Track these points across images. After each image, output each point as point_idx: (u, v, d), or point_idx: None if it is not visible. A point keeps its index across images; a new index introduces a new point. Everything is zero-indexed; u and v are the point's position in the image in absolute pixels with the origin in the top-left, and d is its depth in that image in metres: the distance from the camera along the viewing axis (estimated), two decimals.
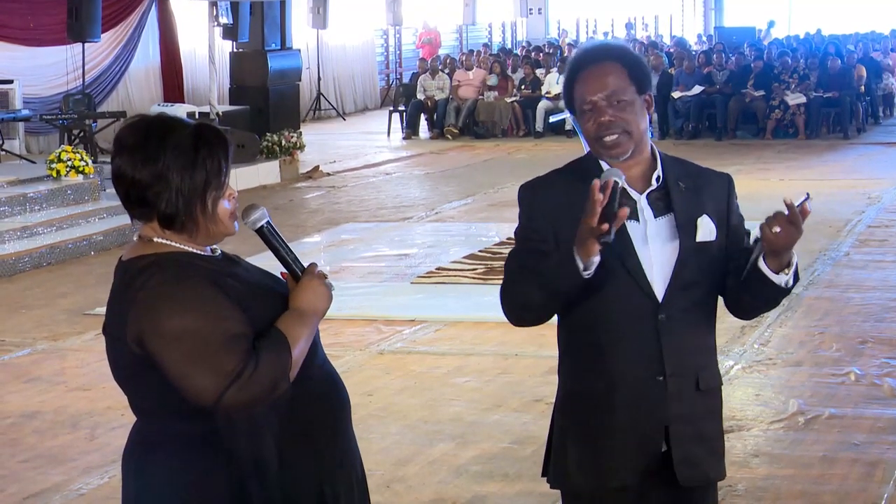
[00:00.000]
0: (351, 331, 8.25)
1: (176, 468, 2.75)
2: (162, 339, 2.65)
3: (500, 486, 5.50)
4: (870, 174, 15.17)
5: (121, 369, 2.79)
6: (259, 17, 17.21)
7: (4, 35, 16.18)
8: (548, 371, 7.06)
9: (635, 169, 3.08)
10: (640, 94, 3.07)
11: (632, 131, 3.04)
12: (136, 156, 2.71)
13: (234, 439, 2.74)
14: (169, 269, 2.71)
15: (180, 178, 2.70)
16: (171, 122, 2.77)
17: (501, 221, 12.20)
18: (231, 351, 2.64)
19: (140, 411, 2.85)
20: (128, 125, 2.79)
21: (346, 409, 2.96)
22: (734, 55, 21.10)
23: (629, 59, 3.09)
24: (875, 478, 5.49)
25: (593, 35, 33.53)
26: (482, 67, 21.61)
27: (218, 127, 2.86)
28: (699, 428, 3.11)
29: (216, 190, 2.76)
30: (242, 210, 2.86)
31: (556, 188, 3.12)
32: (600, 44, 3.19)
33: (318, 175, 16.24)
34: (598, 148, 3.08)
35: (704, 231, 3.08)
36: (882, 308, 8.50)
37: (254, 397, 2.66)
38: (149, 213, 2.75)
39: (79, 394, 7.02)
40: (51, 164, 12.32)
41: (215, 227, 2.78)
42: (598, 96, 3.03)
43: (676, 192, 3.09)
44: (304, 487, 2.83)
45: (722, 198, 3.16)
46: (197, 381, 2.64)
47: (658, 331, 3.03)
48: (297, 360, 2.74)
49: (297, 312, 2.79)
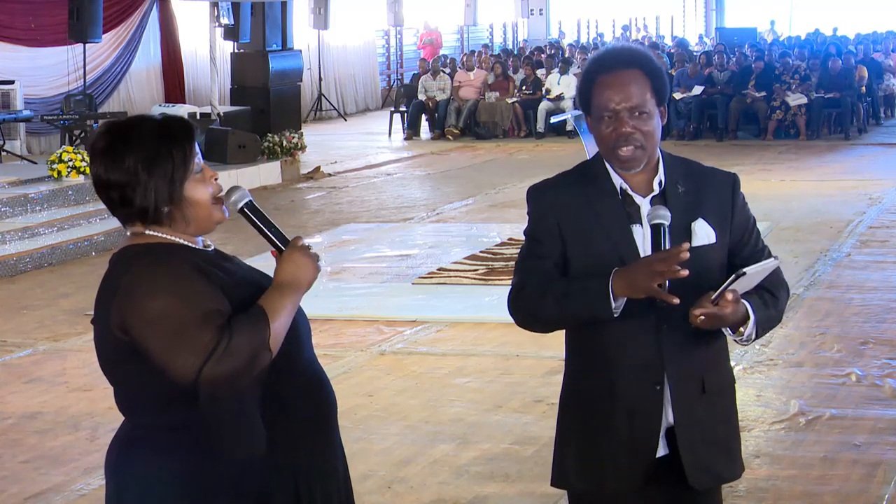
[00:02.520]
0: (352, 331, 8.25)
1: (157, 465, 2.78)
2: (142, 321, 2.70)
3: (501, 487, 5.50)
4: (871, 175, 15.15)
5: (107, 357, 2.83)
6: (260, 18, 17.22)
7: (6, 35, 16.18)
8: (549, 372, 7.06)
9: (640, 175, 3.08)
10: (658, 106, 3.06)
11: (647, 145, 3.03)
12: (106, 159, 2.79)
13: (216, 433, 2.76)
14: (152, 255, 2.78)
15: (147, 173, 2.76)
16: (133, 122, 2.84)
17: (503, 222, 12.21)
18: (206, 327, 2.67)
19: (125, 404, 2.87)
20: (96, 132, 2.88)
21: (330, 409, 2.96)
22: (735, 56, 21.11)
23: (652, 69, 3.06)
24: (876, 478, 5.49)
25: (598, 37, 33.50)
26: (483, 68, 21.62)
27: (182, 118, 2.91)
28: (707, 431, 3.11)
29: (186, 176, 2.80)
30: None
31: (564, 190, 3.11)
32: (625, 48, 3.15)
33: (319, 176, 16.24)
34: (610, 157, 3.07)
35: (701, 235, 3.06)
36: (883, 309, 8.49)
37: (233, 369, 2.68)
38: (132, 213, 2.82)
39: (80, 394, 7.03)
40: (52, 165, 12.33)
41: (198, 212, 2.83)
42: (621, 105, 3.01)
43: (673, 196, 3.07)
44: (280, 483, 2.84)
45: (725, 197, 3.13)
46: (176, 358, 2.68)
47: (660, 341, 3.04)
48: (279, 332, 2.75)
49: (278, 285, 2.82)
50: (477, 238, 11.42)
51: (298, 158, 16.32)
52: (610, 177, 3.09)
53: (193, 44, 19.93)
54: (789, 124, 19.23)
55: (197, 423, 2.76)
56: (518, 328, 3.21)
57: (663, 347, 3.03)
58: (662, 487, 3.11)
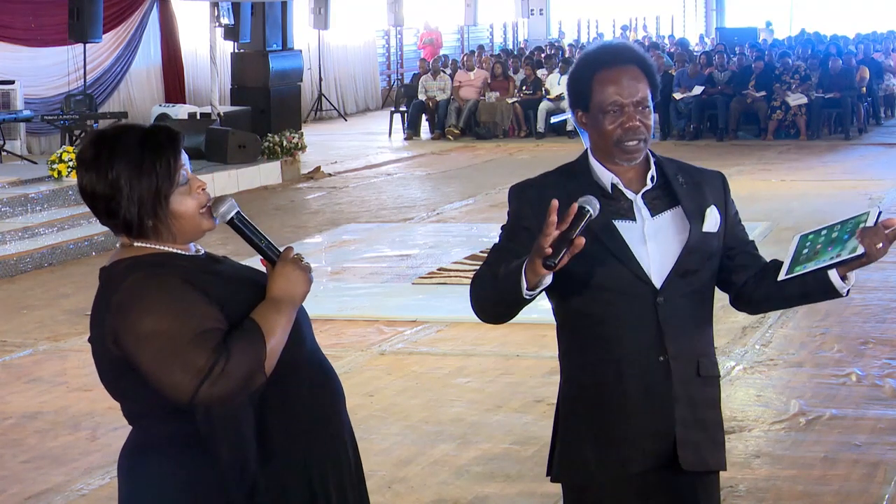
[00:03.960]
0: (352, 331, 8.25)
1: (166, 472, 2.77)
2: (134, 339, 2.68)
3: (502, 487, 5.50)
4: (871, 175, 15.16)
5: (106, 373, 2.81)
6: (260, 18, 17.23)
7: (6, 35, 16.19)
8: (549, 372, 7.06)
9: (632, 171, 3.11)
10: (653, 101, 3.12)
11: (648, 139, 3.09)
12: (91, 171, 2.77)
13: (218, 438, 2.74)
14: (141, 270, 2.75)
15: (129, 186, 2.74)
16: (120, 132, 2.81)
17: (503, 222, 12.18)
18: (200, 347, 2.65)
19: (130, 416, 2.87)
20: (84, 141, 2.86)
21: (338, 399, 2.95)
22: (735, 56, 21.11)
23: (648, 66, 3.12)
24: (876, 479, 5.49)
25: (598, 36, 33.51)
26: (483, 68, 21.62)
27: (169, 127, 2.87)
28: (700, 414, 3.12)
29: (171, 188, 2.76)
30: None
31: (545, 188, 3.13)
32: (621, 44, 3.18)
33: (319, 176, 16.25)
34: (614, 150, 3.07)
35: (711, 221, 3.12)
36: (883, 309, 8.50)
37: (229, 391, 2.66)
38: (117, 224, 2.80)
39: (80, 394, 7.03)
40: (52, 165, 12.34)
41: (184, 224, 2.80)
42: (629, 100, 3.04)
43: (678, 186, 3.12)
44: (293, 480, 2.83)
45: (719, 195, 3.19)
46: (170, 379, 2.65)
47: (657, 313, 3.05)
48: (274, 351, 2.73)
49: (272, 301, 2.79)
50: (477, 238, 11.42)
51: (298, 158, 16.33)
52: (594, 173, 3.11)
53: (193, 44, 19.94)
54: (789, 124, 19.24)
55: (201, 431, 2.74)
56: (518, 328, 3.23)
57: (661, 320, 3.05)
58: (662, 471, 3.09)
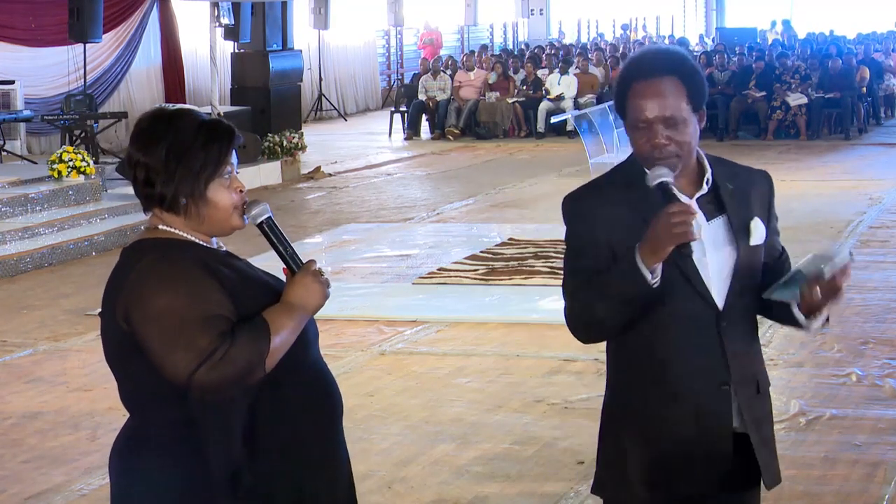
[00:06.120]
0: (352, 331, 8.25)
1: (164, 463, 2.77)
2: (144, 315, 2.71)
3: (502, 487, 5.50)
4: (871, 175, 15.16)
5: (112, 350, 2.83)
6: (260, 18, 17.21)
7: (6, 35, 16.19)
8: (549, 372, 7.06)
9: (683, 177, 2.98)
10: (695, 111, 2.96)
11: (682, 153, 2.94)
12: (142, 139, 2.83)
13: (209, 434, 2.75)
14: (161, 250, 2.79)
15: (177, 160, 2.79)
16: (182, 111, 2.88)
17: (503, 222, 12.21)
18: (206, 330, 2.67)
19: (130, 400, 2.87)
20: (148, 111, 2.91)
21: (336, 414, 2.95)
22: (736, 56, 21.11)
23: (687, 73, 2.95)
24: (876, 479, 5.49)
25: (598, 36, 33.50)
26: (483, 68, 21.61)
27: (230, 124, 2.92)
28: (765, 432, 3.07)
29: (213, 176, 2.81)
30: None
31: (602, 196, 3.01)
32: (661, 51, 3.03)
33: (319, 176, 16.25)
34: (647, 165, 2.95)
35: (757, 235, 3.01)
36: (883, 309, 8.49)
37: (226, 378, 2.68)
38: (152, 195, 2.83)
39: (80, 394, 7.03)
40: (52, 165, 12.33)
41: (215, 214, 2.83)
42: (654, 116, 2.91)
43: (726, 193, 3.00)
44: (285, 483, 2.83)
45: (765, 198, 3.08)
46: (171, 356, 2.68)
47: (721, 339, 2.95)
48: (277, 349, 2.75)
49: (285, 305, 2.82)
50: (477, 238, 11.42)
51: (299, 158, 16.33)
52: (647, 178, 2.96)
53: (194, 44, 19.93)
54: (789, 124, 19.24)
55: (197, 422, 2.75)
56: (518, 328, 3.22)
57: (726, 346, 2.96)
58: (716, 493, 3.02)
